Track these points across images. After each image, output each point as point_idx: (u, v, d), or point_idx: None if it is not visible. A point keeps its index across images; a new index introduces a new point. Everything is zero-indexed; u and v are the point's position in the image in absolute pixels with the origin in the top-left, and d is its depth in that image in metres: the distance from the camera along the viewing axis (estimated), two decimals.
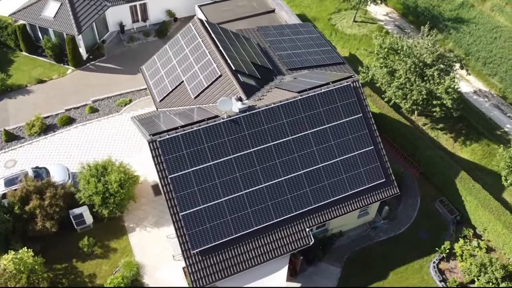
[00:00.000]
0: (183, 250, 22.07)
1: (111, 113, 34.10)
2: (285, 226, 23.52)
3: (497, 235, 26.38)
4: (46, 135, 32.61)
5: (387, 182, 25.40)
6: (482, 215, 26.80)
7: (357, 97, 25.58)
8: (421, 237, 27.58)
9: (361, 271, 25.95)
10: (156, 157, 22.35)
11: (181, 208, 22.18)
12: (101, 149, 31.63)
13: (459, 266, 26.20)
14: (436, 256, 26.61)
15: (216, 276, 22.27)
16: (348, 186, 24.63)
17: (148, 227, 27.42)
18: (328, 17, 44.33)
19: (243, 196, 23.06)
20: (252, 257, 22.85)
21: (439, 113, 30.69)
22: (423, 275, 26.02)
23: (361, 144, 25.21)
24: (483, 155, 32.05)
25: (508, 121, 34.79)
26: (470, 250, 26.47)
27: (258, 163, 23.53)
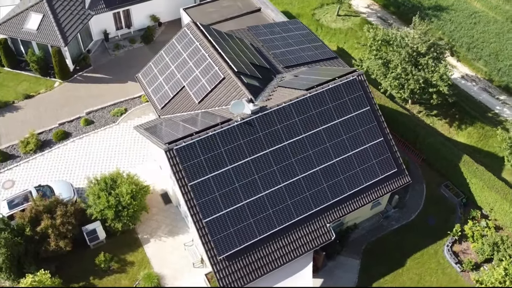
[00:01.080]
0: (209, 257, 21.88)
1: (107, 124, 33.33)
2: (306, 224, 23.65)
3: (504, 213, 27.30)
4: (43, 152, 31.59)
5: (398, 172, 25.89)
6: (488, 195, 27.68)
7: (363, 90, 25.93)
8: (431, 222, 28.22)
9: (379, 261, 26.37)
10: (174, 165, 22.03)
11: (204, 215, 21.97)
12: (102, 162, 30.92)
13: (471, 247, 27.00)
14: (448, 240, 27.33)
15: (244, 279, 22.19)
16: (363, 179, 24.97)
17: (162, 237, 27.02)
18: (311, 13, 44.66)
19: (263, 198, 23.04)
20: (277, 257, 22.87)
21: (435, 100, 31.44)
22: (439, 259, 26.69)
23: (371, 137, 25.59)
24: (479, 138, 33.07)
25: (497, 103, 36.01)
26: (480, 230, 27.30)
27: (275, 163, 23.55)
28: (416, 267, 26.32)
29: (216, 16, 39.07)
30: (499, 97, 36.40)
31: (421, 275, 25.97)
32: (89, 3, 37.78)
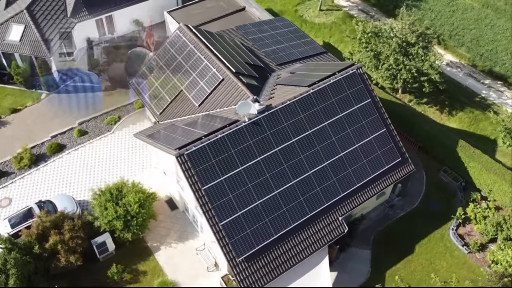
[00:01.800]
0: (228, 260, 21.80)
1: (102, 133, 32.70)
2: (319, 219, 23.85)
3: (503, 194, 28.19)
4: (38, 166, 30.75)
5: (403, 161, 26.40)
6: (487, 177, 28.53)
7: (363, 83, 26.29)
8: (434, 208, 28.87)
9: (389, 249, 26.84)
10: (186, 170, 21.83)
11: (220, 218, 21.87)
12: (102, 172, 30.33)
13: (475, 229, 27.80)
14: (453, 223, 28.05)
15: (264, 279, 22.23)
16: (370, 170, 25.35)
17: (172, 243, 26.75)
18: (294, 9, 44.87)
19: (276, 196, 23.10)
20: (294, 254, 23.00)
21: (427, 88, 32.14)
22: (446, 242, 27.37)
23: (374, 128, 25.99)
24: (470, 123, 34.01)
25: (483, 87, 37.07)
26: (481, 212, 28.12)
27: (285, 161, 23.63)
28: (425, 253, 26.90)
29: (201, 18, 38.75)
30: (484, 81, 37.47)
31: (431, 260, 26.56)
32: (71, 11, 36.87)
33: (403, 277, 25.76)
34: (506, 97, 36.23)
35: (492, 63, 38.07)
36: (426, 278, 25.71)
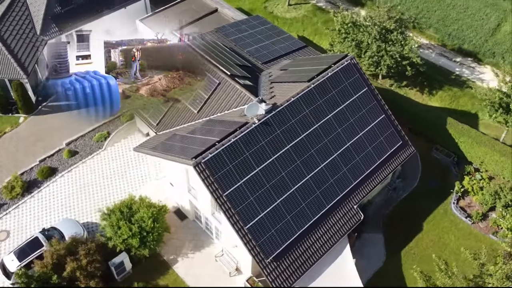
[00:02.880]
0: (258, 261, 21.86)
1: (93, 151, 31.69)
2: (336, 210, 24.32)
3: (495, 163, 29.78)
4: (32, 194, 29.44)
5: (403, 144, 27.34)
6: (478, 150, 30.03)
7: (359, 73, 26.94)
8: (433, 185, 30.08)
9: (399, 230, 27.73)
10: (206, 178, 21.63)
11: (245, 222, 21.87)
12: (101, 191, 29.45)
13: (474, 200, 29.22)
14: (453, 197, 29.34)
15: (294, 276, 22.45)
16: (376, 156, 26.08)
17: (189, 253, 26.44)
18: (263, 6, 45.08)
19: (294, 193, 23.35)
20: (318, 247, 23.36)
21: (410, 72, 33.32)
22: (450, 217, 28.63)
23: (374, 115, 26.73)
24: (450, 100, 35.59)
25: (455, 65, 38.82)
26: (477, 183, 29.60)
27: (297, 157, 23.90)
28: (432, 229, 28.02)
29: (176, 23, 38.23)
30: (455, 59, 39.24)
31: (439, 235, 27.71)
32: (40, 29, 35.35)
33: (417, 254, 26.71)
34: (478, 72, 38.13)
35: (460, 41, 39.89)
36: (439, 253, 26.76)
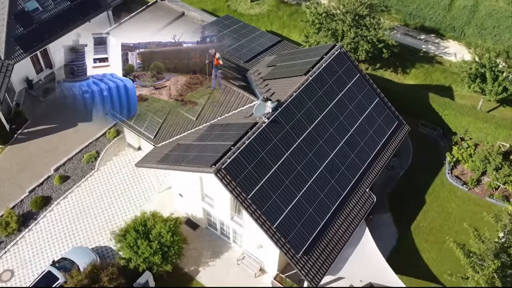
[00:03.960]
0: (289, 258, 22.03)
1: (86, 173, 30.48)
2: (351, 195, 24.92)
3: (478, 131, 31.55)
4: (29, 227, 27.94)
5: (399, 123, 28.40)
6: (462, 120, 31.71)
7: (349, 61, 27.61)
8: (426, 159, 31.45)
9: (404, 206, 28.83)
10: (228, 184, 21.48)
11: (272, 221, 21.95)
12: (103, 213, 28.46)
13: (465, 168, 30.86)
14: (446, 168, 30.85)
15: (324, 267, 22.83)
16: (377, 139, 26.93)
17: (209, 261, 26.17)
18: (226, 5, 44.89)
19: (312, 186, 23.69)
20: (341, 235, 23.86)
21: (386, 54, 34.52)
22: (447, 187, 30.10)
23: (370, 100, 27.55)
24: (424, 76, 37.23)
25: (421, 42, 40.57)
26: (464, 151, 31.28)
27: (308, 150, 24.23)
28: (434, 200, 29.36)
29: (146, 31, 37.29)
30: (420, 37, 41.00)
31: (442, 205, 29.09)
32: (4, 53, 33.37)
33: (426, 227, 27.93)
34: (443, 47, 40.07)
35: (421, 20, 41.68)
36: (445, 222, 28.17)
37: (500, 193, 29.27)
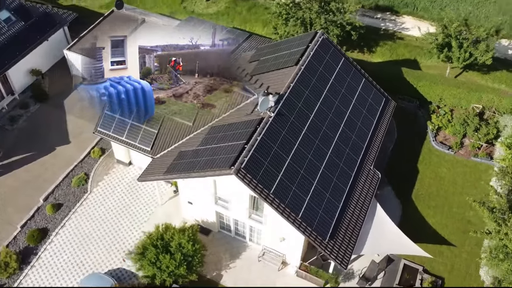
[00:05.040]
0: (318, 244, 22.36)
1: (79, 197, 29.11)
2: (359, 175, 25.67)
3: (452, 97, 33.43)
4: (30, 263, 26.31)
5: (386, 99, 29.51)
6: (436, 89, 33.43)
7: (333, 46, 28.25)
8: (409, 130, 32.90)
9: (401, 178, 30.01)
10: (249, 182, 21.40)
11: (296, 212, 22.16)
12: (108, 235, 27.36)
13: (447, 133, 32.64)
14: (430, 136, 32.46)
15: (349, 248, 23.35)
16: (371, 117, 27.86)
17: (229, 264, 25.97)
18: (182, 7, 44.17)
19: (324, 171, 24.13)
20: (358, 215, 24.53)
21: (355, 35, 35.57)
22: (435, 153, 31.70)
23: (357, 81, 28.38)
24: (390, 53, 38.78)
25: (379, 21, 42.15)
26: (442, 118, 33.07)
27: (314, 137, 24.63)
28: (427, 167, 30.85)
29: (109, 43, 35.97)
30: (376, 16, 42.59)
31: (435, 171, 30.63)
32: None
33: (425, 194, 29.32)
34: (400, 23, 41.90)
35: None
36: (441, 186, 29.74)
37: (483, 151, 31.24)
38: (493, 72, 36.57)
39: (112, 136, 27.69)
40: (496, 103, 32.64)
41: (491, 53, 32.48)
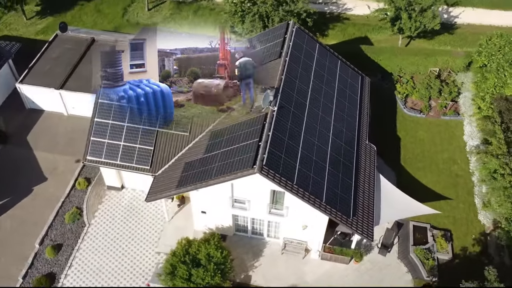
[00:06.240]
0: (345, 223, 23.13)
1: (79, 232, 27.55)
2: (360, 151, 26.83)
3: (411, 65, 35.75)
4: None
5: (362, 77, 30.97)
6: (396, 60, 35.59)
7: (307, 34, 29.09)
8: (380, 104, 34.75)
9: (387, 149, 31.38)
10: (273, 178, 21.62)
11: (320, 197, 22.74)
12: (124, 264, 26.19)
13: (414, 99, 34.91)
14: (400, 104, 34.53)
15: (370, 222, 24.24)
16: (354, 95, 29.12)
17: (254, 263, 26.02)
18: (125, 20, 42.81)
19: (332, 154, 24.93)
20: (367, 188, 25.64)
21: (310, 22, 36.71)
22: (409, 119, 33.79)
23: (334, 63, 29.49)
24: (342, 34, 40.52)
25: (322, 6, 43.70)
26: (406, 86, 35.32)
27: (315, 123, 25.35)
28: (405, 133, 32.78)
29: (62, 69, 34.14)
30: (318, 1, 44.14)
31: (414, 136, 32.64)
32: None
33: (412, 157, 31.23)
34: (342, 4, 43.82)
35: None
36: (423, 146, 31.85)
37: (450, 109, 33.85)
38: (436, 36, 39.57)
39: (104, 162, 26.44)
40: (450, 64, 35.41)
41: (438, 18, 35.15)
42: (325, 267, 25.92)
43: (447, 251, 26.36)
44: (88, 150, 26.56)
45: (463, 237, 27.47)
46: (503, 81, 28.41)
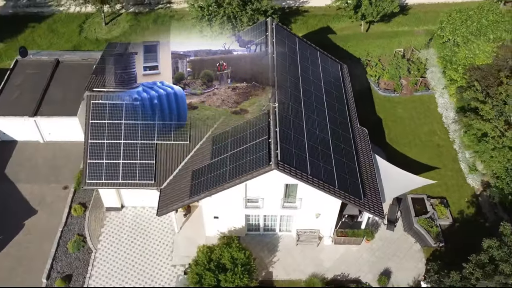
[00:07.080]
0: (357, 204, 23.98)
1: (87, 259, 26.65)
2: (355, 135, 27.79)
3: (378, 48, 37.44)
4: None
5: (341, 65, 32.02)
6: (362, 44, 37.24)
7: (285, 29, 29.74)
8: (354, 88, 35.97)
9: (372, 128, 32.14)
10: (290, 171, 22.08)
11: (333, 184, 23.45)
12: (142, 283, 25.63)
13: (386, 80, 36.53)
14: (375, 86, 36.05)
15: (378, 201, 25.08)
16: (337, 82, 30.21)
17: (272, 259, 26.37)
18: (83, 37, 41.39)
19: (333, 141, 25.72)
20: (369, 168, 26.62)
21: (276, 19, 37.26)
22: (384, 99, 35.40)
23: (314, 54, 30.37)
24: (306, 27, 41.48)
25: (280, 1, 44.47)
26: (375, 68, 36.89)
27: (312, 114, 26.05)
28: (385, 114, 34.34)
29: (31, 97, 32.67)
30: None
31: (394, 114, 34.34)
32: None
33: (396, 133, 32.76)
34: None
35: None
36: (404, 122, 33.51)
37: (421, 85, 35.80)
38: (393, 19, 41.52)
39: (105, 183, 25.69)
40: (413, 43, 37.40)
41: (397, 1, 37.00)
42: (340, 251, 26.73)
43: (447, 216, 28.00)
44: (87, 173, 25.67)
45: (458, 202, 29.28)
46: (473, 52, 30.50)
